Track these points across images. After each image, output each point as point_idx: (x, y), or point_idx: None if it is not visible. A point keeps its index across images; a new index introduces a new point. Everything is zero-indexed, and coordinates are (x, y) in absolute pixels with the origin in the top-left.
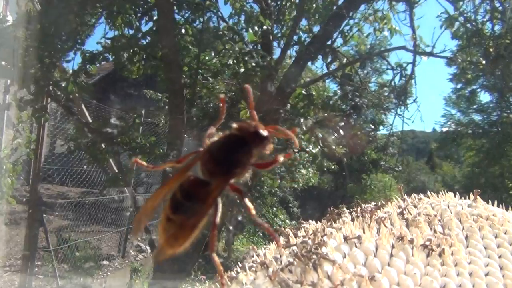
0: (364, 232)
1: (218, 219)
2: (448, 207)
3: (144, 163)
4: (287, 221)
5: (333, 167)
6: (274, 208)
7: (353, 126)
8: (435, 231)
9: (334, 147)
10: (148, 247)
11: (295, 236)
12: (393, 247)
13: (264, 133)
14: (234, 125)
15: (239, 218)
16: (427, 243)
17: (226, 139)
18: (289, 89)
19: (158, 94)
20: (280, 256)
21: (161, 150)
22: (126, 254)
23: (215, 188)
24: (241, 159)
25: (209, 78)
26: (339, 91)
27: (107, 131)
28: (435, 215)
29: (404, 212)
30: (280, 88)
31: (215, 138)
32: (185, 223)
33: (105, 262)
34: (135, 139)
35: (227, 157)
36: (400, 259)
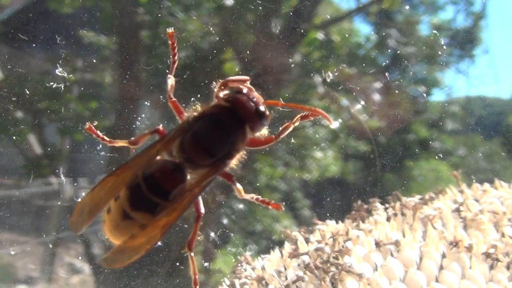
0: (404, 236)
1: (202, 210)
2: None
3: (99, 133)
4: (294, 227)
5: (364, 148)
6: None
7: (393, 89)
8: (502, 235)
9: (364, 118)
10: (86, 266)
11: (307, 241)
12: (444, 256)
13: (265, 110)
14: (225, 94)
15: (224, 221)
16: (491, 250)
17: (216, 117)
18: (298, 32)
19: (102, 37)
20: (285, 268)
21: (108, 121)
22: (53, 277)
23: (198, 182)
24: (236, 144)
25: (178, 13)
26: (373, 36)
27: (25, 93)
28: (505, 213)
29: (462, 208)
30: (285, 30)
31: (198, 110)
32: (150, 224)
33: None
34: (67, 105)
35: (218, 142)
36: (453, 273)
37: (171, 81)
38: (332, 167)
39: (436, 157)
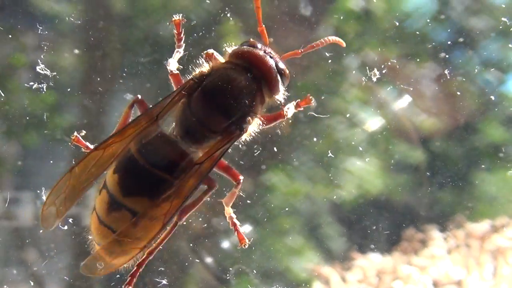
0: (469, 272)
1: (216, 184)
2: None
3: (89, 145)
4: (324, 263)
5: (417, 157)
6: (296, 238)
7: (455, 76)
8: None
9: (415, 117)
10: None
11: (343, 280)
12: None
13: (285, 67)
14: (236, 50)
15: (226, 252)
16: None
17: (229, 72)
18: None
19: (61, 4)
20: None
21: (70, 117)
22: None
23: (209, 152)
24: (254, 105)
25: None
26: (429, 4)
27: None
28: None
29: None
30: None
31: (205, 69)
32: (148, 213)
33: None
34: (15, 97)
35: (233, 100)
36: None
37: (173, 61)
38: (374, 182)
39: None
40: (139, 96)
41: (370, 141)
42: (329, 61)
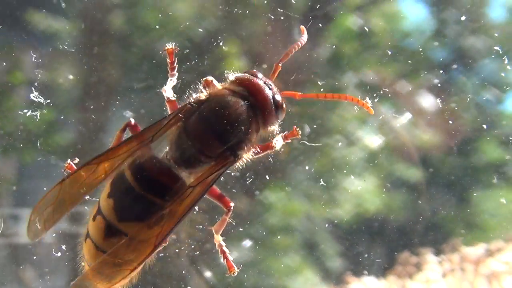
0: None
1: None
2: None
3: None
4: (319, 283)
5: (414, 175)
6: (293, 257)
7: (453, 94)
8: None
9: (413, 135)
10: None
11: None
12: None
13: (283, 101)
14: (237, 77)
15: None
16: None
17: (226, 99)
18: (324, 18)
19: (59, 22)
20: None
21: (68, 135)
22: None
23: (203, 176)
24: (250, 133)
25: None
26: (427, 23)
27: None
28: None
29: None
30: (305, 16)
31: (203, 95)
32: (139, 236)
33: None
34: (11, 115)
35: (230, 126)
36: None
37: (169, 88)
38: (371, 201)
39: None
40: (132, 120)
41: (368, 160)
42: (328, 79)
